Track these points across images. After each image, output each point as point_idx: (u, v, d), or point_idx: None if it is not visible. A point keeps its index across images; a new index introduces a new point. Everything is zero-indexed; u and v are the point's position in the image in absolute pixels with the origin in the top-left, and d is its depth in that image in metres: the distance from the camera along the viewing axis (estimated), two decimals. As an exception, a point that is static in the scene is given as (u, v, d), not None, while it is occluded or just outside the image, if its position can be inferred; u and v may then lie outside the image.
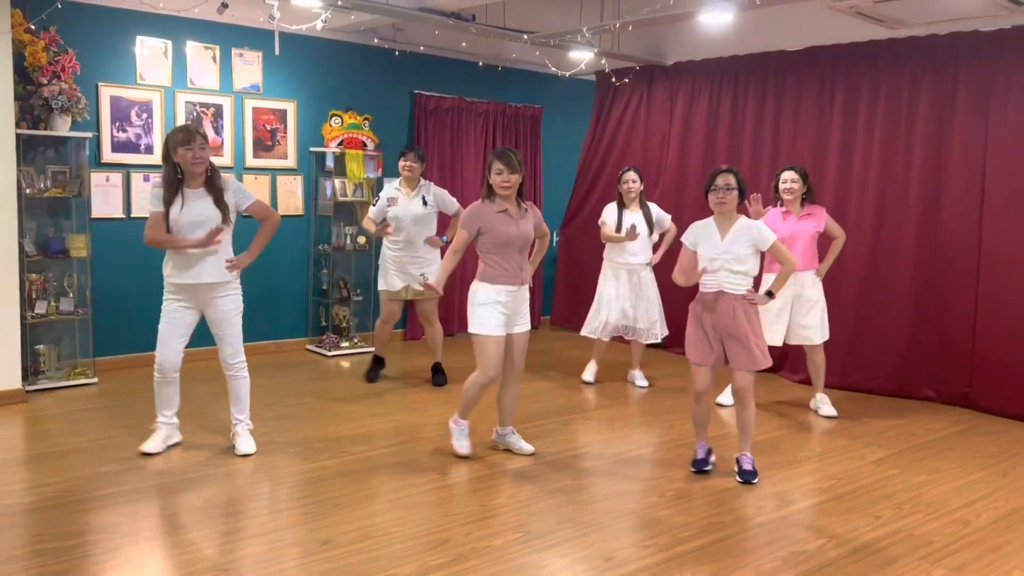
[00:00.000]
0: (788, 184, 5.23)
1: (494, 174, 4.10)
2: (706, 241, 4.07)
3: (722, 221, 4.05)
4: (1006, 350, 5.36)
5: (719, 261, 4.01)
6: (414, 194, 5.66)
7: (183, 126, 4.13)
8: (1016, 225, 5.32)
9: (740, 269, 4.00)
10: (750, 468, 4.12)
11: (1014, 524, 3.68)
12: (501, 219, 4.12)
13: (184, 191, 4.07)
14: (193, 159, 4.01)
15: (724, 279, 4.01)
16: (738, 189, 4.01)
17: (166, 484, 3.89)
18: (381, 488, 3.90)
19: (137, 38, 5.96)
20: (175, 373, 4.26)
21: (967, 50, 5.52)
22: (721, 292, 4.02)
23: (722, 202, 4.00)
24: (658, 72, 7.43)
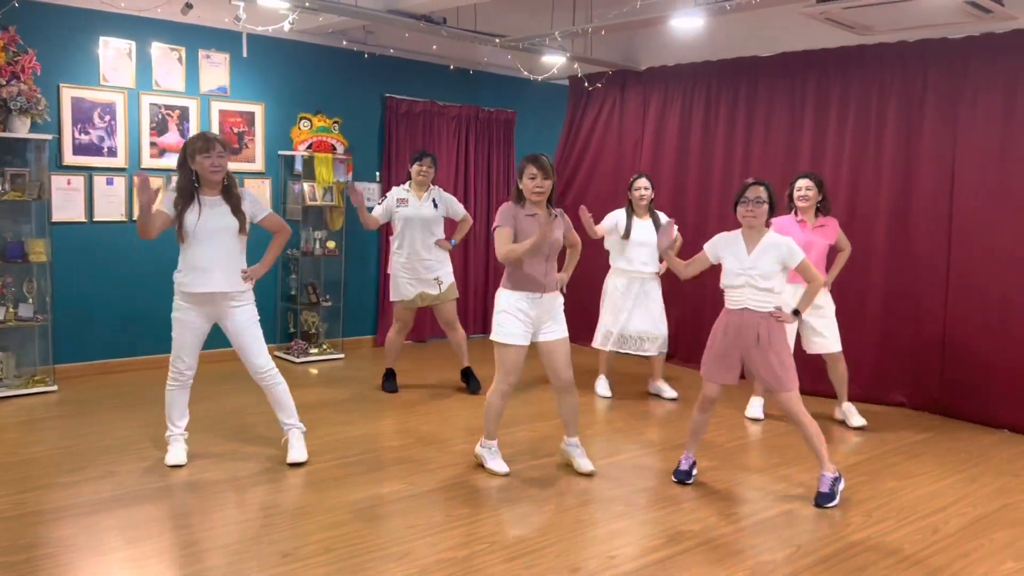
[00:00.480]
0: (803, 192, 5.09)
1: (527, 178, 3.96)
2: (731, 255, 3.92)
3: (750, 235, 3.90)
4: (976, 355, 5.38)
5: (744, 277, 3.86)
6: (424, 197, 5.59)
7: (202, 133, 4.07)
8: (984, 231, 5.35)
9: (765, 286, 3.83)
10: (825, 490, 3.89)
11: (983, 530, 3.67)
12: (531, 223, 3.99)
13: (200, 198, 3.99)
14: (212, 167, 3.94)
15: (749, 296, 3.86)
16: (768, 203, 3.85)
17: (124, 495, 3.78)
18: (344, 499, 3.81)
19: (100, 39, 5.84)
20: (191, 380, 4.20)
21: (936, 57, 5.55)
22: (746, 310, 3.88)
23: (752, 215, 3.84)
24: (631, 77, 7.42)
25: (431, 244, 5.59)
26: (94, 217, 5.89)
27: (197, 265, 4.00)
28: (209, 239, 3.98)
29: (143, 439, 4.57)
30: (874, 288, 5.82)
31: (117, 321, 6.07)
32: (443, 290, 5.63)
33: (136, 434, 4.66)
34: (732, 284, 3.91)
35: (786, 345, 3.93)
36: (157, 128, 6.11)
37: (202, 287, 4.01)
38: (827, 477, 3.93)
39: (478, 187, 8.02)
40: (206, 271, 4.00)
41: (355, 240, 7.15)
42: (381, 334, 7.44)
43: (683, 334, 6.89)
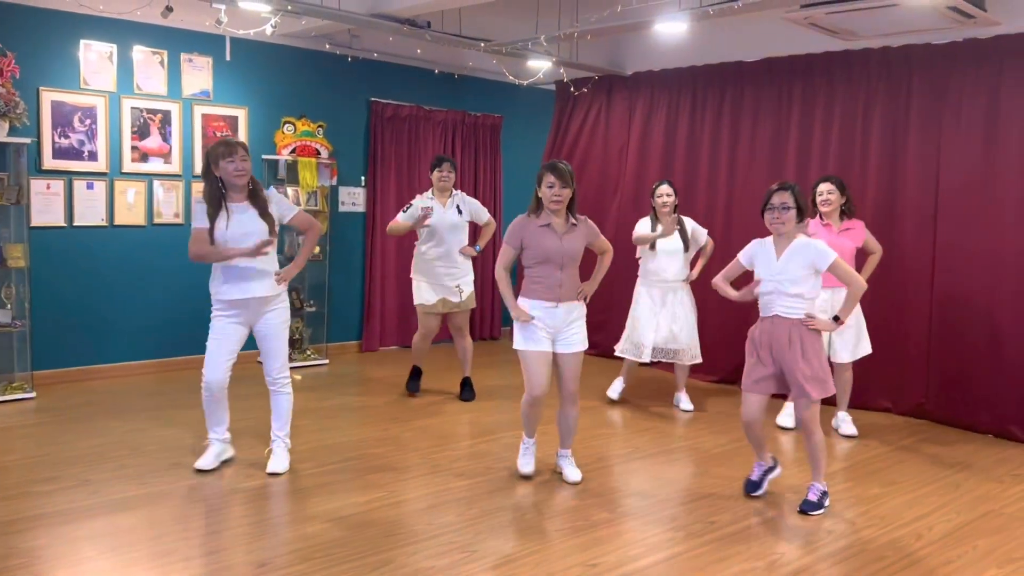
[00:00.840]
0: (824, 196, 4.98)
1: (545, 187, 3.90)
2: (762, 261, 3.86)
3: (779, 241, 3.82)
4: (960, 361, 5.38)
5: (773, 283, 3.79)
6: (448, 203, 5.56)
7: (223, 139, 4.09)
8: (969, 235, 5.35)
9: (795, 292, 3.74)
10: (813, 499, 3.87)
11: (966, 537, 3.66)
12: (543, 233, 3.94)
13: (228, 205, 3.96)
14: (236, 171, 3.91)
15: (778, 302, 3.79)
16: (796, 208, 3.76)
17: (99, 504, 3.72)
18: (323, 507, 3.77)
19: (81, 42, 5.79)
20: (223, 390, 4.14)
21: (920, 62, 5.56)
22: (777, 316, 3.80)
23: (780, 222, 3.76)
24: (617, 82, 7.41)
25: (455, 251, 5.54)
26: (74, 222, 5.83)
27: (232, 272, 3.97)
28: (241, 244, 3.93)
29: (120, 447, 4.51)
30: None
31: (97, 327, 6.00)
32: (463, 298, 5.60)
33: (113, 442, 4.60)
34: (764, 291, 3.85)
35: (818, 354, 3.81)
36: (139, 132, 6.05)
37: (239, 294, 3.99)
38: (818, 487, 3.90)
39: (465, 190, 7.92)
40: (241, 278, 3.97)
41: (340, 245, 7.10)
42: (366, 340, 7.40)
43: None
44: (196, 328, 6.37)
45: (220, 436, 4.24)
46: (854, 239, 5.04)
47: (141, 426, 4.85)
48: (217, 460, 4.21)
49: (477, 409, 5.58)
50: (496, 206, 8.22)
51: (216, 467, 4.19)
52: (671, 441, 5.00)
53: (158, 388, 5.72)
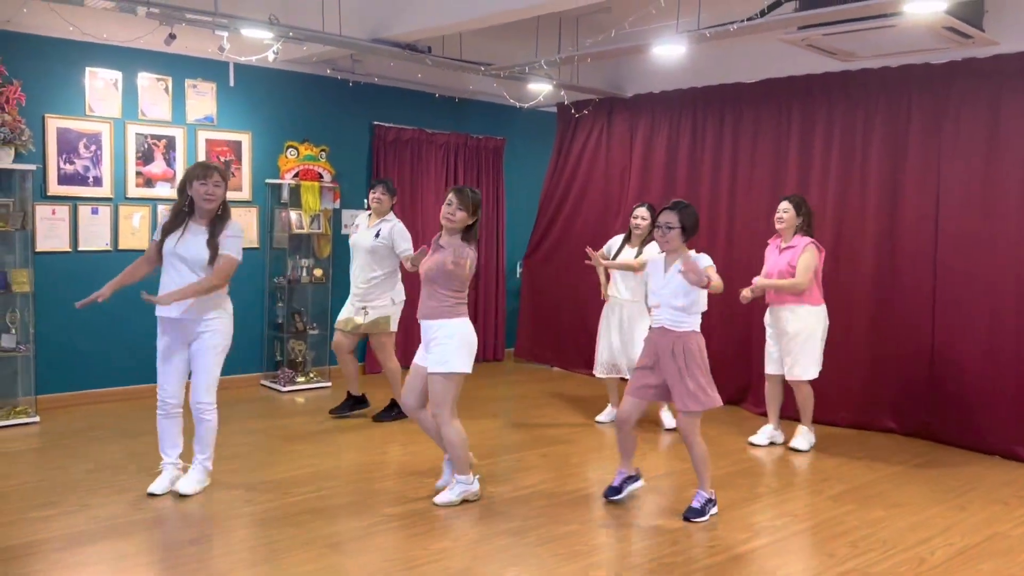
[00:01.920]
0: (779, 214, 5.20)
1: (444, 204, 4.08)
2: (653, 276, 4.13)
3: (668, 257, 4.07)
4: (964, 381, 5.34)
5: (659, 296, 4.04)
6: (375, 225, 5.58)
7: (203, 162, 4.13)
8: (969, 255, 5.33)
9: (678, 304, 3.97)
10: (696, 506, 4.01)
11: (969, 561, 3.61)
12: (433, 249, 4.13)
13: (189, 224, 4.01)
14: (206, 194, 3.95)
15: (665, 315, 4.02)
16: (681, 227, 3.96)
17: (97, 530, 3.72)
18: (322, 531, 3.75)
19: (87, 69, 5.86)
20: (177, 409, 4.15)
21: (919, 82, 5.57)
22: (663, 328, 4.02)
23: (664, 240, 4.02)
24: (618, 104, 7.44)
25: (367, 272, 5.52)
26: (79, 247, 5.87)
27: (163, 290, 4.00)
28: (177, 265, 3.98)
29: (121, 472, 4.51)
30: (862, 313, 5.78)
31: (101, 351, 6.03)
32: (365, 321, 5.56)
33: (114, 466, 4.60)
34: (653, 304, 4.10)
35: (700, 367, 3.97)
36: (143, 158, 6.11)
37: (165, 312, 4.02)
38: (703, 495, 4.04)
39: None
40: None
41: (342, 268, 7.10)
42: (369, 362, 7.40)
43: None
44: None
45: (172, 460, 4.20)
46: (790, 257, 5.14)
47: (143, 450, 4.85)
48: (171, 485, 4.16)
49: (479, 432, 5.56)
50: (499, 227, 8.24)
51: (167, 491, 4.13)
52: (666, 464, 4.97)
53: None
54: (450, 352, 3.99)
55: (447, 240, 4.07)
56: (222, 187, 4.01)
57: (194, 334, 4.08)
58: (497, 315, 8.28)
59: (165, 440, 4.19)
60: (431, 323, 4.07)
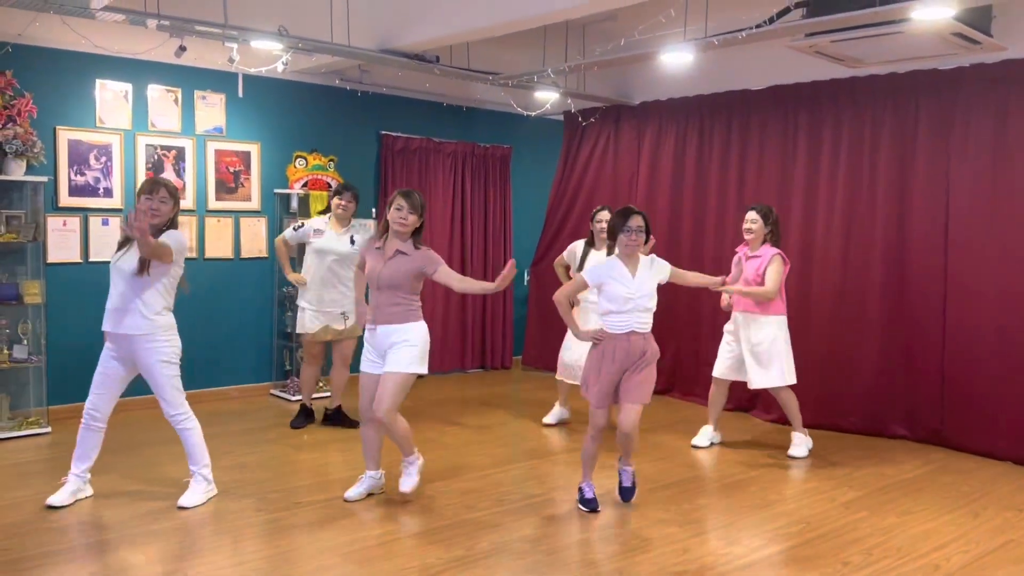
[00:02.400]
0: (747, 224, 5.25)
1: (393, 210, 4.11)
2: (614, 281, 4.05)
3: (629, 261, 4.08)
4: (975, 386, 5.32)
5: (633, 301, 4.01)
6: (343, 232, 5.57)
7: (152, 177, 4.19)
8: (980, 260, 5.32)
9: (650, 306, 4.07)
10: (628, 484, 4.26)
11: (985, 567, 3.60)
12: (373, 254, 4.16)
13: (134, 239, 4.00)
14: (150, 209, 3.96)
15: (635, 319, 4.03)
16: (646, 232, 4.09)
17: (108, 540, 3.73)
18: (334, 541, 3.76)
19: (97, 81, 5.90)
20: (101, 423, 4.18)
21: (927, 88, 5.57)
22: (632, 332, 4.03)
23: (635, 244, 4.04)
24: (625, 112, 7.46)
25: (343, 278, 5.51)
26: (89, 258, 5.90)
27: (108, 303, 4.04)
28: (117, 277, 4.03)
29: (133, 481, 4.53)
30: (872, 319, 5.77)
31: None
32: (348, 325, 5.57)
33: (126, 476, 4.61)
34: (618, 309, 4.03)
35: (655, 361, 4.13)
36: (153, 169, 6.14)
37: (107, 326, 4.05)
38: (629, 471, 4.27)
39: (475, 222, 8.03)
40: (111, 309, 4.03)
41: (351, 277, 7.14)
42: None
43: (684, 368, 6.85)
44: (211, 361, 6.46)
45: (80, 473, 4.18)
46: (756, 266, 5.16)
47: (154, 460, 4.87)
48: (73, 497, 4.14)
49: (483, 441, 5.56)
50: (506, 236, 8.26)
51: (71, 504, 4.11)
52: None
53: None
54: (416, 355, 4.11)
55: (401, 245, 4.11)
56: (169, 203, 4.01)
57: (132, 351, 4.06)
58: (505, 323, 8.29)
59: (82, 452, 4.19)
60: (393, 328, 4.10)
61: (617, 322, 4.04)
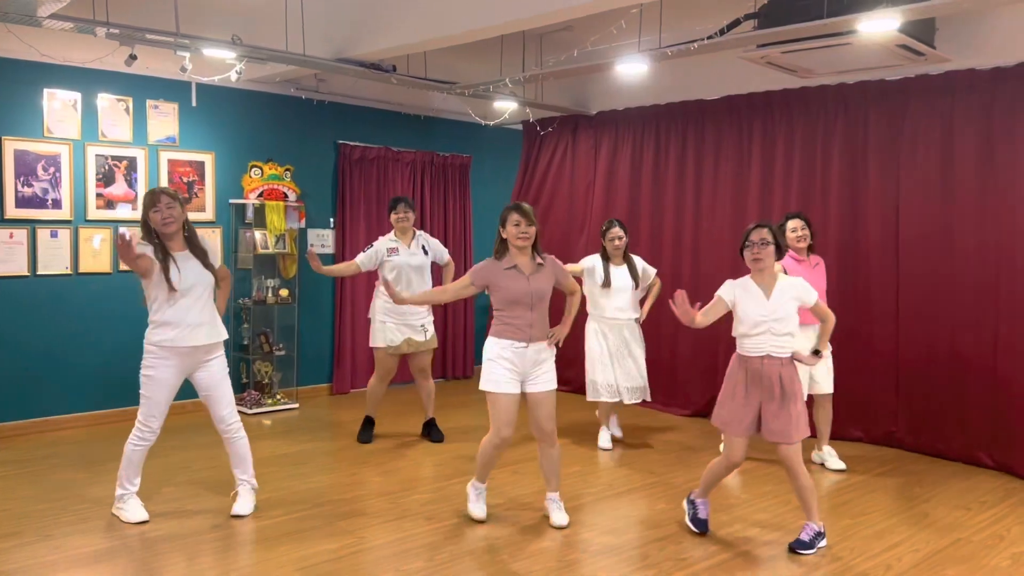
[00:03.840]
0: (799, 232, 5.03)
1: (511, 226, 3.95)
2: (749, 301, 3.80)
3: (761, 279, 3.82)
4: (929, 389, 5.45)
5: (766, 324, 3.75)
6: (412, 243, 5.55)
7: (150, 189, 4.06)
8: (930, 265, 5.45)
9: (785, 331, 3.76)
10: (805, 539, 3.81)
11: (935, 566, 3.67)
12: (510, 275, 3.97)
13: (172, 255, 3.96)
14: (162, 220, 3.91)
15: (770, 342, 3.76)
16: (776, 245, 3.80)
17: (61, 560, 3.63)
18: (292, 555, 3.71)
19: (45, 90, 5.77)
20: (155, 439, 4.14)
21: (876, 98, 5.70)
22: (768, 356, 3.76)
23: (758, 258, 3.78)
24: (582, 121, 7.51)
25: (417, 290, 5.48)
26: (38, 271, 5.76)
27: (183, 320, 3.95)
28: (192, 293, 3.97)
29: (82, 499, 4.42)
30: (825, 324, 5.87)
31: (61, 377, 5.91)
32: (428, 337, 5.59)
33: (75, 494, 4.50)
34: (751, 332, 3.77)
35: (802, 395, 3.84)
36: (104, 179, 6.03)
37: (189, 342, 3.98)
38: (812, 527, 3.83)
39: (434, 231, 7.99)
40: (193, 326, 3.97)
41: (308, 287, 7.08)
42: (337, 382, 7.35)
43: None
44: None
45: (135, 490, 4.15)
46: (822, 274, 5.11)
47: (104, 478, 4.76)
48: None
49: (445, 451, 5.54)
50: (466, 245, 8.26)
51: None
52: (642, 477, 4.99)
53: (121, 438, 5.61)
54: (554, 370, 4.09)
55: (531, 260, 4.02)
56: (175, 207, 3.96)
57: (200, 361, 4.09)
58: (466, 332, 8.28)
59: (133, 470, 4.13)
60: (540, 344, 4.01)
61: (750, 344, 3.80)
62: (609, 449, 5.63)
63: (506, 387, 3.97)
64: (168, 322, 3.96)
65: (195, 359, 4.06)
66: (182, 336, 3.97)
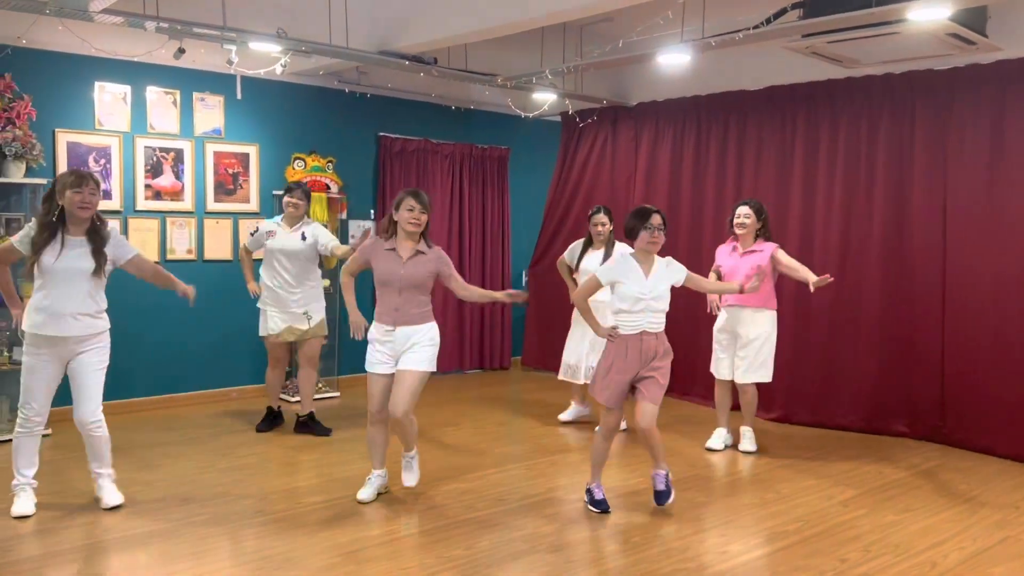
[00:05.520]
0: (741, 219, 5.27)
1: (405, 210, 4.10)
2: (629, 280, 4.04)
3: (645, 259, 4.08)
4: (975, 383, 5.35)
5: (644, 302, 4.01)
6: (293, 230, 5.53)
7: (76, 169, 4.06)
8: (977, 259, 5.34)
9: (661, 307, 4.06)
10: (662, 488, 4.16)
11: (981, 564, 3.61)
12: (388, 256, 4.16)
13: (64, 237, 3.87)
14: (81, 203, 3.83)
15: (647, 320, 4.03)
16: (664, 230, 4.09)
17: (102, 543, 3.74)
18: (334, 541, 3.77)
19: (96, 84, 5.91)
20: (41, 427, 4.07)
21: (923, 88, 5.59)
22: (644, 332, 4.03)
23: (658, 241, 4.05)
24: (622, 113, 7.48)
25: (301, 277, 5.48)
26: (88, 260, 5.91)
27: (51, 307, 3.85)
28: (67, 280, 3.85)
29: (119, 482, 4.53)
30: (870, 318, 5.79)
31: (117, 362, 6.02)
32: (312, 325, 5.55)
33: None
34: (631, 309, 4.02)
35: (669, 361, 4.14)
36: (152, 171, 6.16)
37: (54, 330, 3.87)
38: (661, 474, 4.17)
39: (473, 223, 8.05)
40: (60, 314, 3.86)
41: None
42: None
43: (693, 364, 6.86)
44: (210, 363, 6.48)
45: (28, 480, 4.06)
46: (757, 259, 5.14)
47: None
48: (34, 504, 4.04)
49: (488, 441, 5.57)
50: (504, 236, 8.28)
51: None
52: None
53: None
54: (433, 355, 4.23)
55: (417, 244, 4.15)
56: (97, 196, 3.92)
57: (74, 351, 3.95)
58: (504, 323, 8.31)
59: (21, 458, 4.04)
60: (414, 328, 4.17)
61: (629, 321, 4.04)
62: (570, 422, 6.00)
63: (376, 368, 4.19)
64: (37, 306, 3.88)
65: (67, 348, 3.92)
66: (46, 323, 3.85)
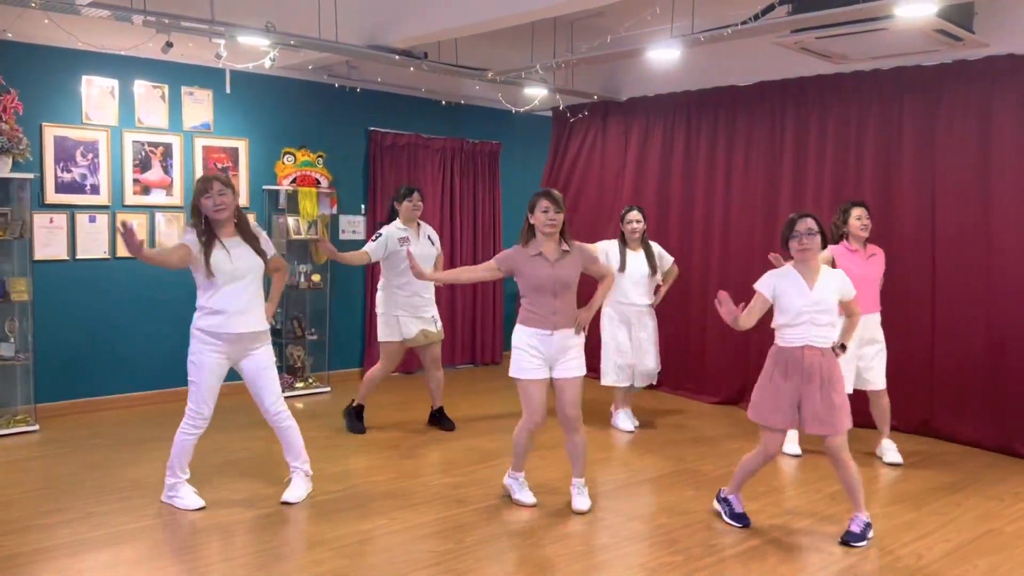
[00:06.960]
0: (864, 221, 4.89)
1: (539, 212, 3.96)
2: (791, 291, 3.75)
3: (805, 270, 3.77)
4: (964, 379, 5.40)
5: (807, 314, 3.71)
6: (420, 234, 5.51)
7: (202, 175, 4.09)
8: (966, 254, 5.38)
9: (827, 321, 3.74)
10: (856, 531, 3.76)
11: (966, 557, 3.66)
12: (535, 262, 3.99)
13: (222, 241, 3.95)
14: (214, 207, 3.90)
15: (810, 333, 3.72)
16: (820, 234, 3.75)
17: (103, 537, 3.73)
18: (326, 535, 3.78)
19: (83, 77, 5.88)
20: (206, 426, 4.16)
21: (911, 84, 5.62)
22: (807, 346, 3.73)
23: (806, 248, 3.72)
24: (612, 107, 7.48)
25: (429, 283, 5.40)
26: (76, 255, 5.89)
27: (230, 307, 3.94)
28: (241, 280, 3.96)
29: (123, 479, 4.53)
30: (857, 313, 5.83)
31: (100, 359, 6.04)
32: (438, 328, 5.59)
33: (116, 474, 4.62)
34: (792, 323, 3.74)
35: (843, 384, 3.83)
36: (140, 165, 6.13)
37: (236, 328, 3.97)
38: (861, 518, 3.80)
39: (463, 218, 8.05)
40: (241, 313, 3.96)
41: (340, 273, 7.15)
42: (368, 366, 7.41)
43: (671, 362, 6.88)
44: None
45: (186, 478, 4.17)
46: (879, 266, 5.01)
47: (144, 457, 4.87)
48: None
49: (478, 435, 5.59)
50: (495, 232, 8.29)
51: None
52: (671, 464, 5.00)
53: (161, 419, 5.73)
54: (583, 357, 4.12)
55: (558, 247, 4.01)
56: (228, 194, 3.96)
57: (247, 349, 4.07)
58: (495, 318, 8.32)
59: (185, 458, 4.14)
60: (566, 333, 4.03)
61: (791, 334, 3.75)
62: (632, 431, 5.68)
63: (533, 374, 4.01)
64: (214, 308, 3.96)
65: (241, 346, 4.06)
66: (227, 323, 3.95)
